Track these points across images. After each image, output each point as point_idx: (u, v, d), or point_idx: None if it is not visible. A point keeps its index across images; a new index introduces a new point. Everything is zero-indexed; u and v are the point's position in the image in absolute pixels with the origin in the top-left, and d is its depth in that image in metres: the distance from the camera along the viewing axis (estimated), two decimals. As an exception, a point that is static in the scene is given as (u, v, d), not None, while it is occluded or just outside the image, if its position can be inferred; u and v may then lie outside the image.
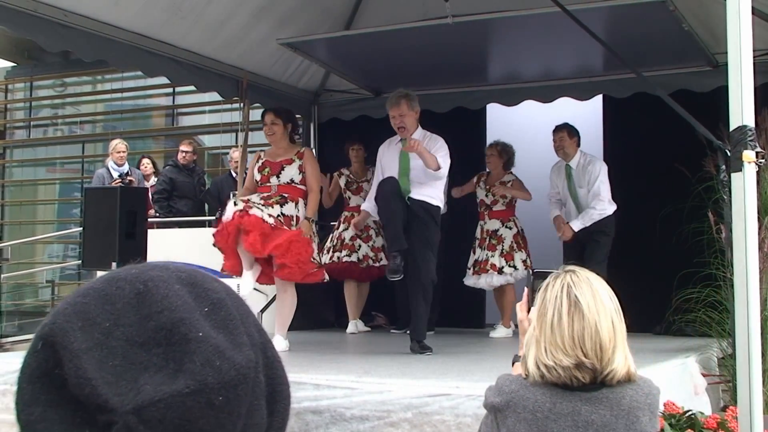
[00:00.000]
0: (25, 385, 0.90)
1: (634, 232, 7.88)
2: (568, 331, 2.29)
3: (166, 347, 0.88)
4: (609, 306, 2.34)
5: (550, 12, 5.95)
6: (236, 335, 0.93)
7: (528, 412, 2.32)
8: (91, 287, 0.94)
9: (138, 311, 0.90)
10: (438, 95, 8.88)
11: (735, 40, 3.71)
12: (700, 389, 5.26)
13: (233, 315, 0.95)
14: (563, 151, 7.75)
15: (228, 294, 0.97)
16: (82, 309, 0.90)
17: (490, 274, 7.84)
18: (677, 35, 6.78)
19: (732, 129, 3.74)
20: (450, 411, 3.98)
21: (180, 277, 0.95)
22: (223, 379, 0.88)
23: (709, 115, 5.40)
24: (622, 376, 2.32)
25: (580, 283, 2.36)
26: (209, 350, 0.88)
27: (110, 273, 0.96)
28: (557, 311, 2.32)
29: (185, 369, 0.87)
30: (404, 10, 7.85)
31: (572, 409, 2.30)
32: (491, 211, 8.02)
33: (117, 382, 0.86)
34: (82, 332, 0.88)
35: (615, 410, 2.31)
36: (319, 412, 4.17)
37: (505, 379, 2.46)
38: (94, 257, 7.20)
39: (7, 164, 16.40)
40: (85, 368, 0.86)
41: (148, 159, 11.32)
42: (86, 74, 15.32)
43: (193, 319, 0.90)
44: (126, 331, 0.89)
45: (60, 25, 6.34)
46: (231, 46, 7.81)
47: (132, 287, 0.92)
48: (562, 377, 2.30)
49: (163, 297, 0.91)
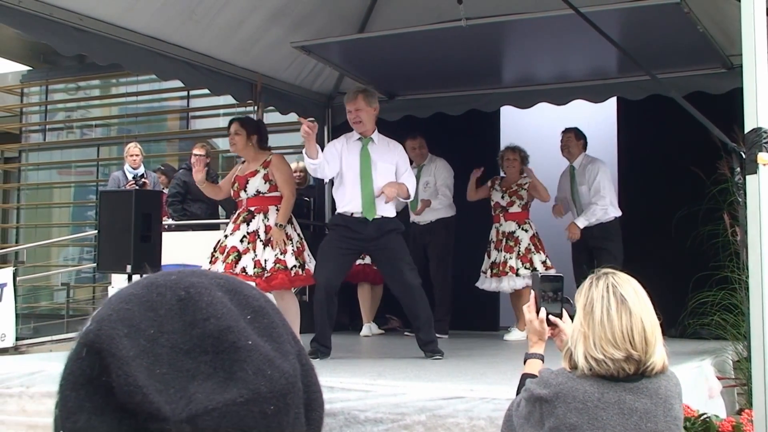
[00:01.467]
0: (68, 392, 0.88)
1: (648, 235, 7.86)
2: (618, 327, 2.50)
3: (214, 355, 0.87)
4: (648, 304, 2.58)
5: (563, 14, 5.94)
6: (281, 343, 0.92)
7: (578, 402, 2.52)
8: (132, 293, 0.92)
9: (181, 318, 0.89)
10: (452, 98, 8.88)
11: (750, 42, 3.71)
12: (714, 392, 5.23)
13: (276, 323, 0.94)
14: (568, 150, 7.91)
15: (266, 301, 0.96)
16: (126, 315, 0.89)
17: (511, 277, 7.83)
18: (692, 37, 6.76)
19: (747, 131, 3.73)
20: (464, 414, 3.97)
21: (219, 284, 0.94)
22: (274, 388, 0.87)
23: (724, 118, 5.38)
24: (660, 368, 2.56)
25: (623, 283, 2.58)
26: (260, 359, 0.88)
27: (148, 278, 0.95)
28: (605, 309, 2.53)
29: (237, 377, 0.86)
30: (418, 12, 7.85)
31: (618, 398, 2.52)
32: (507, 213, 8.01)
33: (166, 390, 0.85)
34: (128, 339, 0.87)
35: (654, 399, 2.54)
36: (334, 414, 4.17)
37: (549, 373, 2.65)
38: (109, 260, 7.22)
39: (23, 167, 16.47)
40: (135, 375, 0.84)
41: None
42: (101, 78, 15.38)
43: (239, 327, 0.89)
44: (171, 338, 0.88)
45: (75, 29, 6.37)
46: (245, 50, 7.83)
47: (173, 294, 0.91)
48: (611, 369, 2.51)
49: (207, 304, 0.90)
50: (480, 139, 9.05)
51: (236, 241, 6.19)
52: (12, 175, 16.90)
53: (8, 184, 16.93)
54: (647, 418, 2.52)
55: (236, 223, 6.27)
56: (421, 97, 9.07)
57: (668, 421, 2.55)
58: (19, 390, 4.96)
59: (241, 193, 6.36)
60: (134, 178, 10.15)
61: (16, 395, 4.97)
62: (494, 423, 3.85)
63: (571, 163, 7.93)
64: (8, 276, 9.93)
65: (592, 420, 2.51)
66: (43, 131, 16.45)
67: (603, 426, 2.51)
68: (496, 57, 8.15)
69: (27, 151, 16.43)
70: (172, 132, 15.46)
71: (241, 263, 6.14)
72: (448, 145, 8.56)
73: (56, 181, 16.29)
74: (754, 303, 3.64)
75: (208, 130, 14.60)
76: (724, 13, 6.78)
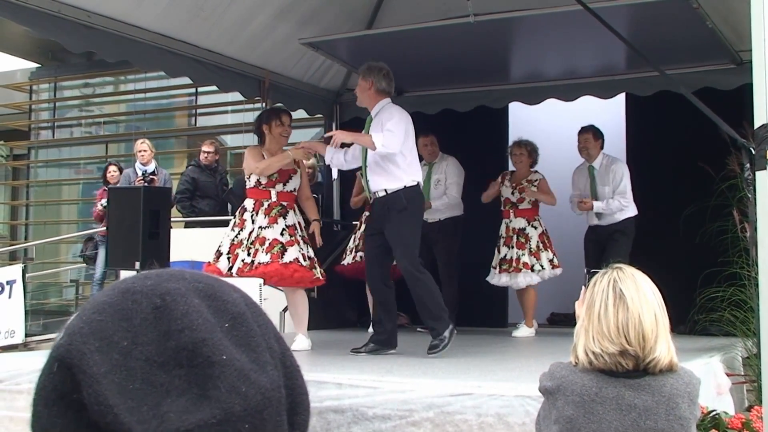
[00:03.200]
0: (41, 408, 0.87)
1: (657, 231, 7.84)
2: (613, 321, 2.50)
3: (188, 369, 0.85)
4: (652, 300, 2.55)
5: (572, 10, 5.93)
6: (259, 353, 0.90)
7: (576, 395, 2.54)
8: (106, 302, 0.90)
9: (156, 328, 0.87)
10: (460, 94, 8.87)
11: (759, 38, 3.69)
12: (723, 389, 5.22)
13: (254, 330, 0.91)
14: (587, 152, 7.83)
15: (247, 305, 0.94)
16: (98, 327, 0.87)
17: (526, 273, 7.81)
18: (701, 33, 6.74)
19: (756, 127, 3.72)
20: (472, 410, 3.97)
21: (198, 289, 0.91)
22: (249, 405, 0.85)
23: (733, 113, 5.37)
24: (665, 365, 2.52)
25: (625, 278, 2.57)
26: (234, 375, 0.86)
27: (124, 284, 0.92)
28: (603, 303, 2.54)
29: (210, 395, 0.84)
30: (426, 9, 7.84)
31: (616, 394, 2.51)
32: (517, 210, 7.98)
33: (138, 407, 0.83)
34: (99, 354, 0.85)
35: (656, 396, 2.50)
36: (342, 411, 4.17)
37: (556, 366, 2.68)
38: (117, 257, 7.23)
39: (32, 164, 16.52)
40: (105, 394, 0.82)
41: (114, 166, 11.13)
42: (109, 75, 15.41)
43: (215, 339, 0.87)
44: (145, 350, 0.86)
45: (83, 26, 6.38)
46: (253, 46, 7.84)
47: (149, 302, 0.88)
48: (608, 363, 2.51)
49: (182, 314, 0.87)
50: (488, 135, 9.03)
51: (277, 233, 6.21)
52: (21, 172, 16.95)
53: (17, 181, 16.98)
54: (647, 415, 2.50)
55: (271, 216, 6.28)
56: (429, 93, 9.06)
57: (671, 420, 2.51)
58: (29, 387, 4.96)
59: (277, 185, 6.39)
60: (143, 175, 10.17)
61: (26, 392, 4.98)
62: (502, 419, 3.85)
63: (591, 163, 7.85)
64: (17, 273, 9.96)
65: (588, 414, 2.52)
66: (52, 128, 16.50)
67: (599, 420, 2.51)
68: (504, 53, 8.14)
69: (36, 148, 16.48)
70: (180, 129, 15.48)
71: (288, 255, 6.15)
72: (456, 142, 8.55)
73: (65, 178, 16.33)
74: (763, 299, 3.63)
75: (216, 127, 14.62)
76: (733, 9, 6.75)
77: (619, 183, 7.63)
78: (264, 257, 6.10)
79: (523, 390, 3.90)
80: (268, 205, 6.32)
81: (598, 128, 7.87)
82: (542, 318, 8.34)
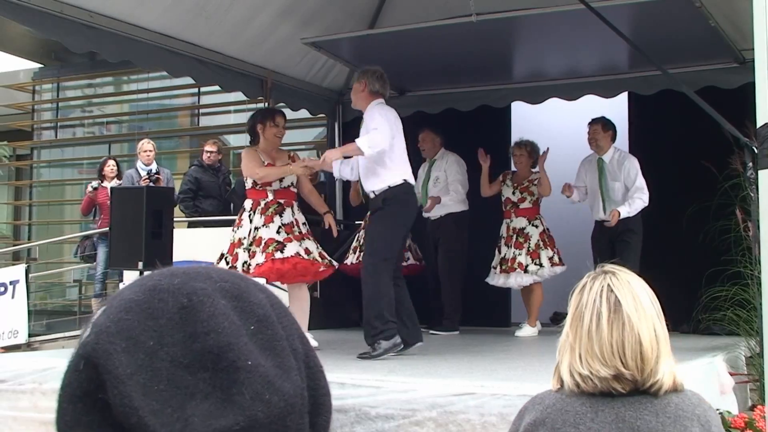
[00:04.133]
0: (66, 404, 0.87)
1: (660, 230, 7.83)
2: (606, 339, 2.11)
3: (213, 373, 0.85)
4: (650, 312, 2.16)
5: (574, 9, 5.92)
6: (283, 357, 0.90)
7: (570, 426, 2.12)
8: (133, 299, 0.90)
9: (182, 329, 0.87)
10: (462, 93, 8.88)
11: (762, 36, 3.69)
12: (727, 388, 5.21)
13: (279, 334, 0.91)
14: (596, 143, 7.66)
15: (272, 305, 0.94)
16: (125, 327, 0.87)
17: (519, 273, 7.80)
18: (703, 32, 6.74)
19: (759, 126, 3.72)
20: (475, 410, 3.97)
21: (224, 289, 0.91)
22: (272, 413, 0.85)
23: (736, 112, 5.36)
24: (669, 387, 2.14)
25: (621, 286, 2.16)
26: (258, 381, 0.86)
27: (151, 281, 0.92)
28: (595, 317, 2.13)
29: (234, 401, 0.85)
30: (428, 8, 7.84)
31: (616, 416, 2.11)
32: (518, 209, 7.97)
33: (163, 409, 0.83)
34: (126, 354, 0.85)
35: (661, 417, 2.11)
36: (345, 410, 4.17)
37: (535, 398, 2.27)
38: (120, 257, 7.23)
39: (35, 165, 16.53)
40: (130, 396, 0.83)
41: (113, 161, 11.13)
42: (112, 75, 15.41)
43: (240, 344, 0.87)
44: (170, 351, 0.86)
45: (85, 26, 6.39)
46: (255, 46, 7.84)
47: (175, 301, 0.88)
48: (599, 387, 2.12)
49: (209, 316, 0.88)
50: (491, 134, 9.03)
51: (273, 232, 6.21)
52: (24, 172, 16.95)
53: (20, 182, 16.99)
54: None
55: (267, 215, 6.28)
56: (431, 93, 9.06)
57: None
58: (32, 386, 4.98)
59: (274, 183, 6.39)
60: (148, 174, 10.17)
61: (29, 392, 4.99)
62: (505, 419, 3.84)
63: (601, 156, 7.68)
64: (21, 273, 9.97)
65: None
66: (55, 128, 16.50)
67: None
68: (506, 52, 8.14)
69: (39, 148, 16.48)
70: (183, 129, 15.47)
71: (288, 251, 6.14)
72: (458, 141, 8.55)
73: (68, 178, 16.34)
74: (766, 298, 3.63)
75: (219, 127, 14.62)
76: (735, 8, 6.75)
77: (634, 179, 7.46)
78: (260, 257, 6.11)
79: (526, 389, 3.89)
80: (265, 204, 6.33)
81: (609, 120, 7.72)
82: (545, 317, 8.34)
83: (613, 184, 7.59)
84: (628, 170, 7.52)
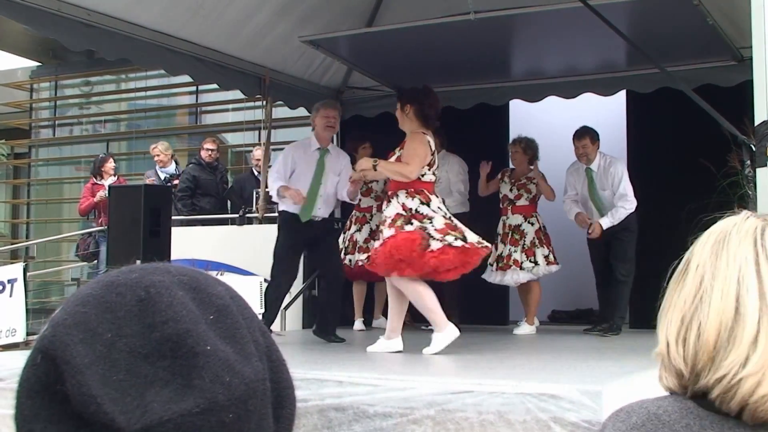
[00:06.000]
0: (24, 399, 0.87)
1: (658, 229, 7.82)
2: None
3: (172, 360, 0.85)
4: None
5: (572, 7, 5.92)
6: (244, 345, 0.89)
7: None
8: (90, 294, 0.89)
9: (141, 320, 0.86)
10: (460, 91, 8.86)
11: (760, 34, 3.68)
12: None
13: (239, 323, 0.91)
14: (587, 158, 7.67)
15: (232, 298, 0.93)
16: (82, 319, 0.86)
17: (514, 270, 7.80)
18: (701, 29, 6.73)
19: (757, 124, 3.71)
20: (473, 408, 3.97)
21: (182, 282, 0.91)
22: (233, 395, 0.85)
23: (734, 110, 5.36)
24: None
25: None
26: (218, 365, 0.85)
27: (108, 277, 0.91)
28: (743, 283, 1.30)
29: (194, 385, 0.84)
30: (426, 6, 7.82)
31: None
32: (514, 206, 7.97)
33: (122, 398, 0.82)
34: (83, 345, 0.84)
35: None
36: (342, 409, 4.17)
37: (617, 415, 1.34)
38: (118, 255, 7.24)
39: (33, 163, 16.52)
40: (88, 384, 0.82)
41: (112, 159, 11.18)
42: (110, 73, 15.41)
43: (199, 330, 0.86)
44: (129, 342, 0.85)
45: (83, 24, 6.38)
46: (253, 44, 7.83)
47: (133, 294, 0.88)
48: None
49: (167, 306, 0.87)
50: (489, 132, 9.02)
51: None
52: (22, 170, 16.95)
53: (18, 180, 16.98)
54: None
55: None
56: (429, 90, 9.04)
57: None
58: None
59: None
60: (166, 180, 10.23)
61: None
62: (503, 417, 3.84)
63: (588, 166, 7.68)
64: (19, 271, 9.95)
65: None
66: (53, 127, 16.50)
67: None
68: (504, 50, 8.13)
69: (37, 146, 16.48)
70: (181, 127, 15.47)
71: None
72: (456, 139, 8.53)
73: (66, 176, 16.33)
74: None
75: (218, 125, 14.62)
76: (734, 5, 6.74)
77: (618, 185, 7.48)
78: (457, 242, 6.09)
79: (524, 387, 3.89)
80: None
81: (594, 130, 7.72)
82: (543, 315, 8.34)
83: (603, 193, 7.61)
84: (613, 177, 7.52)
